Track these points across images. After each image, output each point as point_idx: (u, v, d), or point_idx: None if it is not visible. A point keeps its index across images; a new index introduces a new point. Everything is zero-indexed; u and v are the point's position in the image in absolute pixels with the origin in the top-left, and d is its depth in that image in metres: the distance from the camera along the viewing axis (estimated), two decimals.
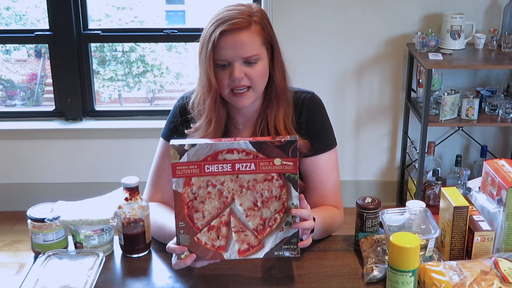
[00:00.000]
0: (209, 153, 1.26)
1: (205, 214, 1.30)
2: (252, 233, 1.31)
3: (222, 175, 1.28)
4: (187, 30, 3.37)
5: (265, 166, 1.27)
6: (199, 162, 1.27)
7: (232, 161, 1.27)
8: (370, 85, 3.29)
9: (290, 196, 1.29)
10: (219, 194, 1.29)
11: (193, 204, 1.29)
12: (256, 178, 1.28)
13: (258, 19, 1.49)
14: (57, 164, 3.42)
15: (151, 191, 1.66)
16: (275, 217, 1.30)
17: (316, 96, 1.65)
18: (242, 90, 1.49)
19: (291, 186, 1.29)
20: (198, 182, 1.28)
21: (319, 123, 1.62)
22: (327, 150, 1.62)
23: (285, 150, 1.26)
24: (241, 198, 1.29)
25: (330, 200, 1.63)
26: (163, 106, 4.35)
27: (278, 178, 1.28)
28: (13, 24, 4.59)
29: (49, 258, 1.44)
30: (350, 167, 3.44)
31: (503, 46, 3.02)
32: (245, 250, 1.31)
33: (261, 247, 1.32)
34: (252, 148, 1.27)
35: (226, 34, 1.45)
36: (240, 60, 1.47)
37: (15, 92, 4.94)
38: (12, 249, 3.08)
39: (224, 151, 1.26)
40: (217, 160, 1.27)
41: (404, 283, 1.23)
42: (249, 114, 1.61)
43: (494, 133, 3.40)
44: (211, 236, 1.31)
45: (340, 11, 3.14)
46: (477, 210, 1.44)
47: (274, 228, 1.31)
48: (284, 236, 1.31)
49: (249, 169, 1.27)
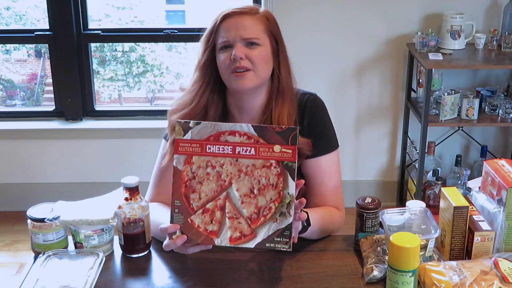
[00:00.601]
0: (212, 132, 1.30)
1: (202, 196, 1.31)
2: (246, 222, 1.31)
3: (222, 157, 1.31)
4: (187, 30, 3.37)
5: (264, 152, 1.30)
6: (201, 141, 1.31)
7: (233, 144, 1.30)
8: (370, 85, 3.29)
9: (287, 185, 1.30)
10: (218, 176, 1.31)
11: (191, 183, 1.31)
12: (255, 163, 1.30)
13: (264, 12, 1.56)
14: (57, 164, 3.42)
15: (153, 192, 1.66)
16: (270, 206, 1.30)
17: (319, 98, 1.66)
18: (242, 70, 1.51)
19: (288, 175, 1.30)
20: (199, 161, 1.31)
21: (321, 124, 1.62)
22: (329, 152, 1.62)
23: (285, 137, 1.29)
24: (238, 183, 1.31)
25: (331, 201, 1.63)
26: (163, 106, 4.33)
27: (277, 165, 1.30)
28: (13, 24, 4.60)
29: (49, 258, 1.44)
30: (350, 167, 3.44)
31: (503, 46, 3.03)
32: (236, 238, 1.31)
33: (253, 237, 1.31)
34: (254, 132, 1.30)
35: (229, 17, 1.52)
36: (242, 42, 1.51)
37: (15, 92, 4.94)
38: (12, 249, 3.08)
39: (226, 132, 1.30)
40: (219, 141, 1.31)
41: (404, 283, 1.23)
42: (252, 113, 1.61)
43: (494, 133, 3.40)
44: (204, 220, 1.31)
45: (340, 11, 3.14)
46: (477, 210, 1.44)
47: (268, 218, 1.30)
48: (278, 227, 1.30)
49: (249, 153, 1.30)
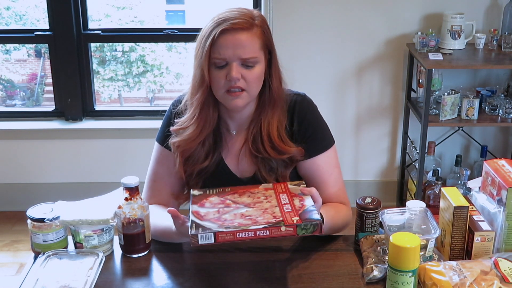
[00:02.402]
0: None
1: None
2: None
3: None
4: (187, 30, 3.37)
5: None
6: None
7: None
8: (370, 85, 3.29)
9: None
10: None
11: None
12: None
13: (260, 23, 1.50)
14: (57, 164, 3.42)
15: (147, 195, 1.66)
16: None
17: (307, 98, 1.64)
18: (236, 90, 1.49)
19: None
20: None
21: (312, 125, 1.61)
22: (323, 151, 1.61)
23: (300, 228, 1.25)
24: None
25: (335, 198, 1.62)
26: (163, 106, 4.31)
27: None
28: (13, 24, 4.59)
29: (49, 258, 1.44)
30: (350, 167, 3.44)
31: (503, 46, 3.02)
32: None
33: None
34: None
35: (226, 33, 1.45)
36: (238, 61, 1.46)
37: (15, 92, 4.94)
38: (12, 249, 3.08)
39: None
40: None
41: (404, 283, 1.23)
42: (242, 119, 1.61)
43: (494, 133, 3.40)
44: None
45: (340, 11, 3.14)
46: (477, 210, 1.44)
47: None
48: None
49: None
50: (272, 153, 1.55)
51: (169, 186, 1.64)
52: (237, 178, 1.61)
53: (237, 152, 1.62)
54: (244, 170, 1.61)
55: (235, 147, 1.62)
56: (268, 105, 1.56)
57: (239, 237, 1.23)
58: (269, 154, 1.55)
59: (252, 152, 1.58)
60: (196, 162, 1.58)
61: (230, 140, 1.62)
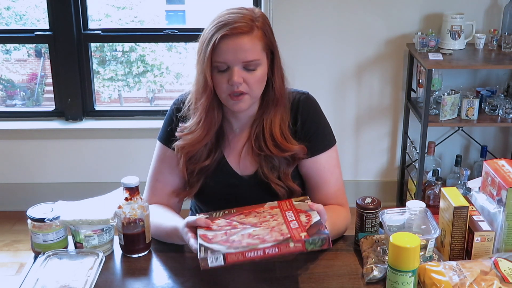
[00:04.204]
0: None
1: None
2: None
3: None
4: (187, 30, 3.37)
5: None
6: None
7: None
8: (370, 85, 3.29)
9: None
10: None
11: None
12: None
13: (260, 24, 1.48)
14: (57, 164, 3.42)
15: (149, 194, 1.66)
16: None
17: (311, 97, 1.64)
18: (238, 94, 1.48)
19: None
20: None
21: (315, 124, 1.61)
22: (326, 150, 1.61)
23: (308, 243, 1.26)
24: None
25: (334, 198, 1.62)
26: (163, 106, 4.32)
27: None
28: (13, 24, 4.59)
29: (49, 258, 1.44)
30: (350, 167, 3.44)
31: (503, 46, 3.02)
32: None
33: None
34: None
35: (227, 38, 1.44)
36: (240, 65, 1.46)
37: (15, 92, 4.94)
38: (12, 249, 3.08)
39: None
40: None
41: (404, 283, 1.23)
42: (245, 118, 1.61)
43: (494, 133, 3.40)
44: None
45: (340, 12, 3.14)
46: (477, 210, 1.44)
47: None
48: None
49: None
50: (275, 151, 1.55)
51: (171, 185, 1.64)
52: (238, 175, 1.61)
53: (239, 150, 1.62)
54: (245, 167, 1.61)
55: (238, 145, 1.62)
56: (271, 104, 1.56)
57: (249, 256, 1.24)
58: (271, 151, 1.55)
59: (255, 150, 1.58)
60: (198, 160, 1.59)
61: (233, 138, 1.62)
